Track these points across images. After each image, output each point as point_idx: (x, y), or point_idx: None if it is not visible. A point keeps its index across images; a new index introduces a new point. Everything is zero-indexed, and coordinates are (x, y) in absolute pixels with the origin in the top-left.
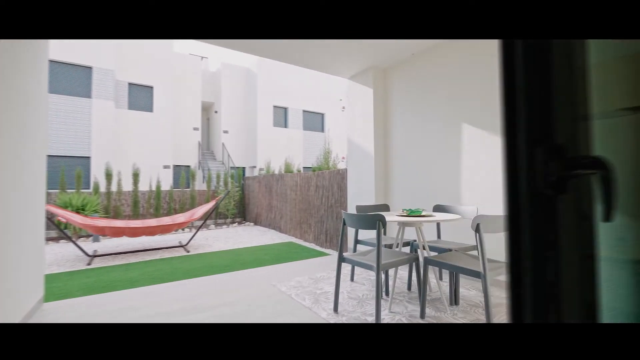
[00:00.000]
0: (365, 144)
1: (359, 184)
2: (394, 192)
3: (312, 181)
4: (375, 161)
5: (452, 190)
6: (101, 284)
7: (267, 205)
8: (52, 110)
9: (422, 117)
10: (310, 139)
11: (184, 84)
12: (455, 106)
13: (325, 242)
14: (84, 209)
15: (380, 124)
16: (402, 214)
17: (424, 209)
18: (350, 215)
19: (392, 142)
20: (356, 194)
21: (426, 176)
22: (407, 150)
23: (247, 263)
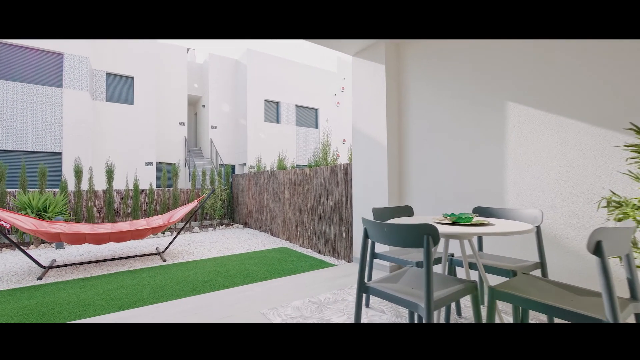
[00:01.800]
0: (374, 133)
1: (367, 181)
2: (411, 191)
3: (308, 178)
4: (388, 153)
5: (490, 188)
6: (42, 309)
7: (257, 205)
8: (15, 100)
9: (449, 97)
10: (304, 135)
11: (168, 75)
12: (495, 80)
13: (324, 249)
14: (46, 211)
15: (394, 108)
16: (446, 221)
17: (475, 214)
18: (377, 225)
19: (409, 130)
20: (363, 194)
21: (455, 171)
22: (428, 139)
23: (231, 277)
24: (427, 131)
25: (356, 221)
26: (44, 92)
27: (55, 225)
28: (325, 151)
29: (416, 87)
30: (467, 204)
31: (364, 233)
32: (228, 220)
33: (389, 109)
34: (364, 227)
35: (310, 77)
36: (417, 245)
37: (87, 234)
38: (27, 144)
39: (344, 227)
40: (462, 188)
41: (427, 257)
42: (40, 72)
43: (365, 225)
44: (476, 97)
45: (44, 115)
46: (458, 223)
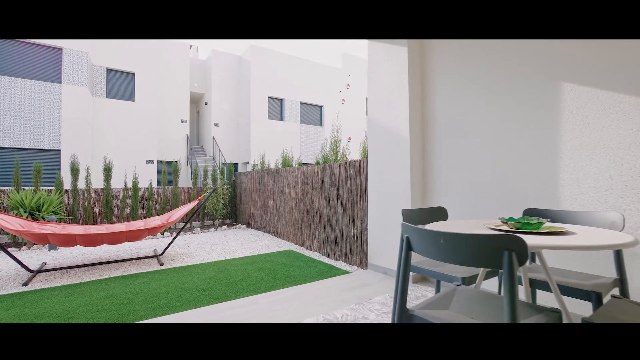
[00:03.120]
0: (394, 123)
1: (385, 178)
2: (438, 189)
3: (316, 176)
4: (411, 146)
5: (541, 186)
6: (20, 322)
7: (261, 205)
8: (12, 96)
9: (485, 79)
10: (309, 133)
11: (170, 72)
12: (545, 56)
13: (334, 252)
14: (40, 211)
15: (417, 95)
16: (504, 227)
17: (547, 219)
18: (429, 235)
19: (435, 119)
20: (380, 193)
21: (495, 165)
22: (459, 129)
23: (233, 284)
24: (458, 119)
25: (372, 223)
26: (42, 88)
27: (46, 226)
28: (335, 147)
29: (444, 69)
30: (512, 204)
31: (405, 243)
32: (230, 221)
33: (411, 96)
34: (403, 235)
35: (315, 74)
36: (493, 264)
37: (78, 236)
38: (25, 141)
39: (357, 229)
40: (505, 185)
41: (509, 283)
42: (39, 67)
43: (408, 233)
44: (520, 77)
45: (42, 112)
46: (526, 230)
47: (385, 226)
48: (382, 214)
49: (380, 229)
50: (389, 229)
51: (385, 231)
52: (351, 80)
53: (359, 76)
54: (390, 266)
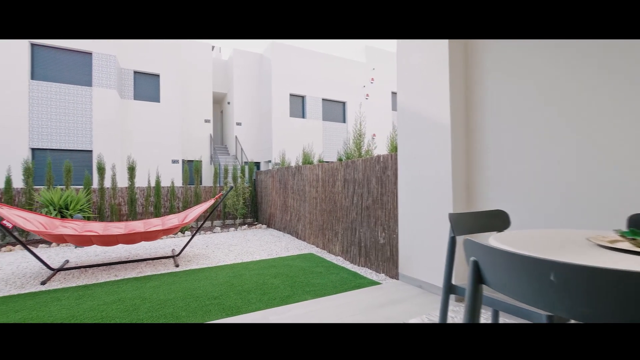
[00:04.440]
0: (430, 111)
1: (419, 175)
2: (488, 188)
3: (338, 174)
4: (452, 137)
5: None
6: None
7: (281, 204)
8: (49, 100)
9: (555, 50)
10: (331, 130)
11: (193, 73)
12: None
13: (358, 258)
14: (68, 208)
15: (459, 76)
16: (626, 244)
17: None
18: (522, 262)
19: (485, 101)
20: (413, 192)
21: (583, 160)
22: (524, 113)
23: (246, 293)
24: (522, 101)
25: (403, 227)
26: (75, 92)
27: (68, 223)
28: (359, 141)
29: (497, 44)
30: (607, 209)
31: (473, 272)
32: (251, 220)
33: (453, 75)
34: (469, 257)
35: (337, 69)
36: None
37: (94, 236)
38: (60, 142)
39: (385, 233)
40: (600, 185)
41: None
42: (71, 71)
43: (477, 255)
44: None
45: (75, 114)
46: None
47: (420, 231)
48: (417, 217)
49: (413, 234)
50: (425, 234)
51: (421, 237)
52: (375, 75)
53: (384, 70)
54: (427, 279)
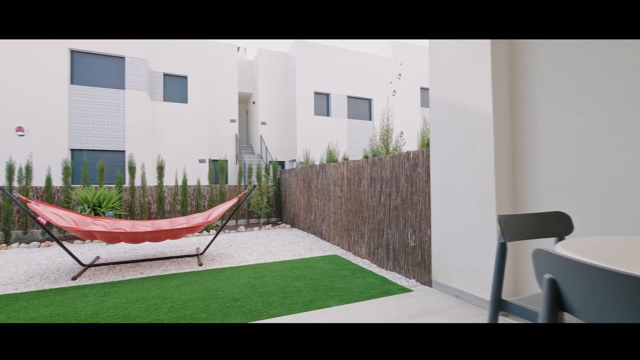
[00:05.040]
0: (468, 100)
1: (455, 172)
2: (538, 187)
3: (364, 172)
4: (495, 129)
5: None
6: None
7: (305, 204)
8: (85, 103)
9: None
10: (357, 128)
11: (219, 73)
12: None
13: (386, 261)
14: (100, 206)
15: (502, 56)
16: None
17: None
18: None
19: (535, 92)
20: (448, 191)
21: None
22: (579, 103)
23: (267, 295)
24: (581, 92)
25: (437, 229)
26: (109, 94)
27: (98, 221)
28: (386, 138)
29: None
30: None
31: (549, 293)
32: (275, 219)
33: (495, 59)
34: (542, 275)
35: (363, 65)
36: None
37: (121, 233)
38: (96, 143)
39: (416, 235)
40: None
41: None
42: (106, 75)
43: (556, 272)
44: None
45: (110, 116)
46: None
47: (457, 234)
48: (453, 219)
49: (449, 238)
50: (463, 238)
51: (458, 241)
52: (403, 70)
53: (412, 64)
54: (465, 288)
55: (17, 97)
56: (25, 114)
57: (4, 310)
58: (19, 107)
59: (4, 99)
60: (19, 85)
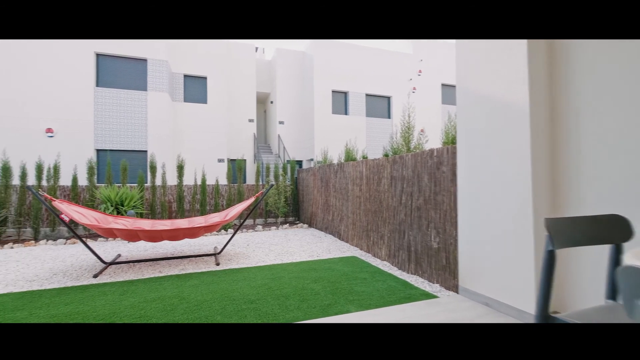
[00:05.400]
0: (501, 91)
1: (485, 171)
2: (581, 189)
3: (384, 171)
4: (532, 123)
5: None
6: (68, 321)
7: (323, 203)
8: (109, 104)
9: None
10: (375, 126)
11: (237, 74)
12: None
13: (407, 264)
14: (123, 205)
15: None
16: None
17: None
18: None
19: (577, 81)
20: (478, 191)
21: None
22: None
23: (284, 298)
24: (634, 78)
25: (464, 232)
26: (132, 96)
27: (119, 220)
28: (407, 135)
29: None
30: None
31: None
32: (293, 219)
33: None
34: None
35: (382, 62)
36: None
37: (140, 231)
38: (120, 143)
39: (439, 237)
40: None
41: None
42: (129, 77)
43: None
44: None
45: (133, 117)
46: None
47: (487, 238)
48: (483, 221)
49: (478, 241)
50: (495, 242)
51: (489, 245)
52: (423, 66)
53: (433, 60)
54: (497, 296)
55: (46, 100)
56: (54, 116)
57: (27, 307)
58: (49, 109)
59: (34, 102)
60: (49, 89)
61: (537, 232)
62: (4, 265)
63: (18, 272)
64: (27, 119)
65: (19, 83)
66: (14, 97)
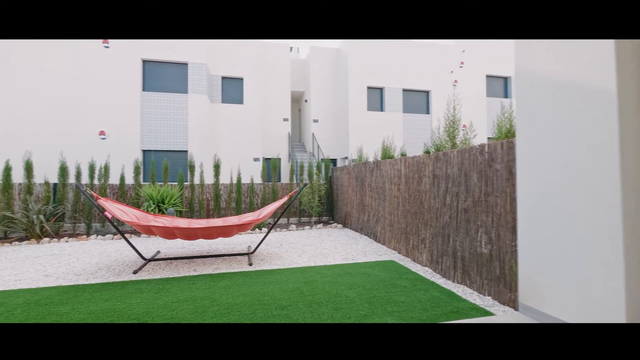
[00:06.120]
0: (577, 73)
1: (555, 168)
2: None
3: (425, 169)
4: (620, 113)
5: None
6: (104, 319)
7: (358, 203)
8: (154, 107)
9: None
10: (413, 123)
11: (272, 74)
12: None
13: (453, 272)
14: (163, 203)
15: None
16: None
17: None
18: None
19: None
20: (547, 192)
21: None
22: None
23: (316, 306)
24: None
25: (527, 238)
26: (174, 99)
27: (159, 218)
28: (452, 130)
29: None
30: None
31: None
32: (327, 219)
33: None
34: None
35: (420, 55)
36: None
37: (176, 229)
38: (163, 144)
39: (492, 244)
40: None
41: None
42: (171, 81)
43: None
44: None
45: (174, 119)
46: None
47: (559, 246)
48: (551, 227)
49: (546, 250)
50: (570, 253)
51: (562, 256)
52: (465, 57)
53: (476, 50)
54: (573, 319)
55: (100, 105)
56: (106, 119)
57: (71, 301)
58: (101, 113)
59: (89, 107)
60: (102, 94)
61: (629, 243)
62: (58, 258)
63: (69, 265)
64: (82, 122)
65: (76, 90)
66: (72, 102)
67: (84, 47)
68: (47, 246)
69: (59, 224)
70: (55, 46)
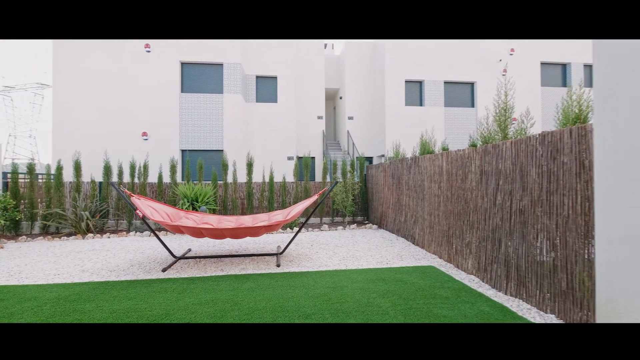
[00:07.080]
0: None
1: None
2: None
3: (471, 164)
4: None
5: None
6: (124, 318)
7: (394, 202)
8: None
9: None
10: (455, 117)
11: (306, 71)
12: None
13: (505, 282)
14: (197, 201)
15: None
16: None
17: None
18: None
19: None
20: (631, 187)
21: None
22: None
23: (344, 315)
24: None
25: (605, 247)
26: (210, 99)
27: (190, 215)
28: (503, 119)
29: None
30: None
31: None
32: (361, 219)
33: None
34: None
35: (464, 44)
36: None
37: (204, 229)
38: (200, 143)
39: (557, 251)
40: None
41: None
42: (207, 81)
43: None
44: None
45: (210, 118)
46: None
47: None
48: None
49: (637, 265)
50: None
51: None
52: (516, 44)
53: None
54: None
55: (142, 108)
56: (148, 120)
57: (98, 299)
58: (144, 114)
59: (134, 109)
60: (143, 96)
61: None
62: (97, 253)
63: (105, 261)
64: (126, 124)
65: (122, 93)
66: (118, 106)
67: (128, 53)
68: (90, 242)
69: (103, 221)
70: (103, 51)
